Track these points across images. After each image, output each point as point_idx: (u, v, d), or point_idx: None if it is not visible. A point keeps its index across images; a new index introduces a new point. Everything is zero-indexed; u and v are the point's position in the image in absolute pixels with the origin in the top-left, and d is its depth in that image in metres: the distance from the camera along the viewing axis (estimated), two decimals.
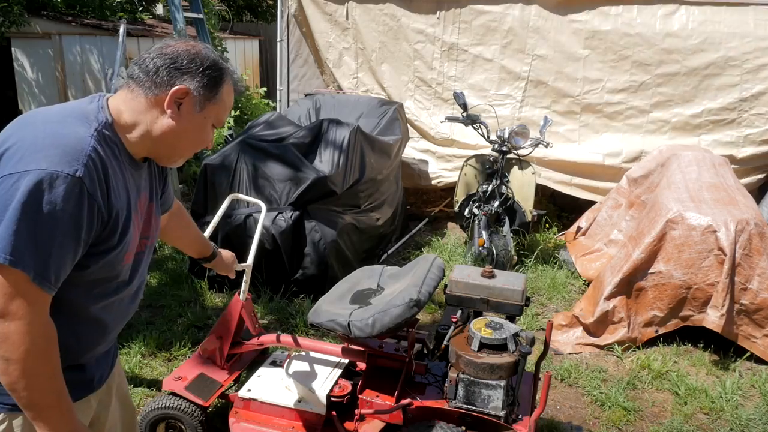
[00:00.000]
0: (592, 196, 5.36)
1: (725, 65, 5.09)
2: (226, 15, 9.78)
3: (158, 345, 3.45)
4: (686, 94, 5.23)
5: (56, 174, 1.14)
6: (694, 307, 3.44)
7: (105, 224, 1.25)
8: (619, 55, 5.30)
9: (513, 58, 5.55)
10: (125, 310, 1.49)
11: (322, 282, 3.98)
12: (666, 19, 5.19)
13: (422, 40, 5.75)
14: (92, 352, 1.44)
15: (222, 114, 1.40)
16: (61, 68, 6.98)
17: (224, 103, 1.38)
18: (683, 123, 5.27)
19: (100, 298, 1.36)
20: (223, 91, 1.36)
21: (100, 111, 1.30)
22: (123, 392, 1.73)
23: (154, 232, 1.53)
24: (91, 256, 1.26)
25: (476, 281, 2.29)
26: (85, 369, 1.44)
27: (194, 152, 1.45)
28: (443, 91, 5.75)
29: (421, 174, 5.79)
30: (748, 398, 3.17)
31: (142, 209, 1.44)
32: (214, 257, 2.14)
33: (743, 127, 5.16)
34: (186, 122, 1.33)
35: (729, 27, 5.07)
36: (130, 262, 1.39)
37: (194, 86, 1.31)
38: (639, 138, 5.34)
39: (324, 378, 2.51)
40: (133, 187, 1.37)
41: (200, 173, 4.23)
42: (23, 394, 1.19)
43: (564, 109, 5.50)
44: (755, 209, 3.70)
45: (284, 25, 6.36)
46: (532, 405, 2.37)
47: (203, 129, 1.38)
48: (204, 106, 1.34)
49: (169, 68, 1.29)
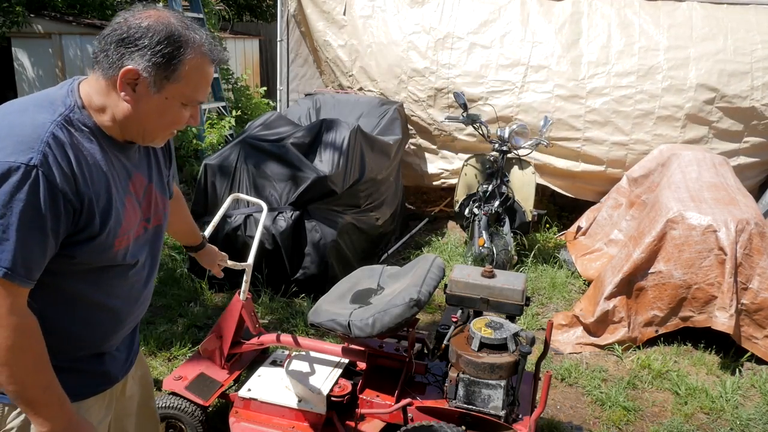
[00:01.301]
0: (592, 197, 5.35)
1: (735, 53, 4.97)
2: (226, 15, 9.78)
3: (158, 345, 3.45)
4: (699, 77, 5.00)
5: (9, 164, 1.10)
6: (695, 307, 3.43)
7: (77, 211, 1.20)
8: (626, 42, 5.16)
9: (512, 45, 5.40)
10: (137, 295, 1.45)
11: (322, 282, 3.98)
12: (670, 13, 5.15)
13: (417, 31, 5.67)
14: (108, 340, 1.42)
15: (191, 92, 1.26)
16: (62, 68, 6.98)
17: (190, 80, 1.24)
18: (697, 109, 5.02)
19: (101, 283, 1.33)
20: (185, 68, 1.22)
21: (69, 95, 1.25)
22: (147, 384, 1.72)
23: (160, 214, 1.47)
24: (74, 246, 1.23)
25: (476, 281, 2.29)
26: (104, 360, 1.42)
27: (172, 132, 1.34)
28: (437, 80, 5.58)
29: (423, 175, 5.76)
30: (749, 398, 3.17)
31: (137, 191, 1.37)
32: (202, 248, 2.11)
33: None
34: (144, 105, 1.23)
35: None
36: (125, 246, 1.33)
37: (143, 66, 1.19)
38: (645, 135, 5.13)
39: (324, 378, 2.51)
40: (120, 170, 1.31)
41: (200, 173, 4.23)
42: (9, 388, 1.18)
43: (568, 94, 5.24)
44: (755, 209, 3.70)
45: (284, 25, 6.37)
46: (532, 405, 2.37)
47: (168, 110, 1.26)
48: (161, 86, 1.22)
49: (118, 46, 1.19)
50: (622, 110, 5.12)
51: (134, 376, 1.62)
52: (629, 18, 5.27)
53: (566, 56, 5.25)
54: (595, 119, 5.16)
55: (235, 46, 9.53)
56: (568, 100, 5.21)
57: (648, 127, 5.09)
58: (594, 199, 5.28)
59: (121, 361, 1.50)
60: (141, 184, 1.39)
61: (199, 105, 1.34)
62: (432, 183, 5.81)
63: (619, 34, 5.23)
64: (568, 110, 5.19)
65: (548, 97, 5.20)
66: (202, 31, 1.26)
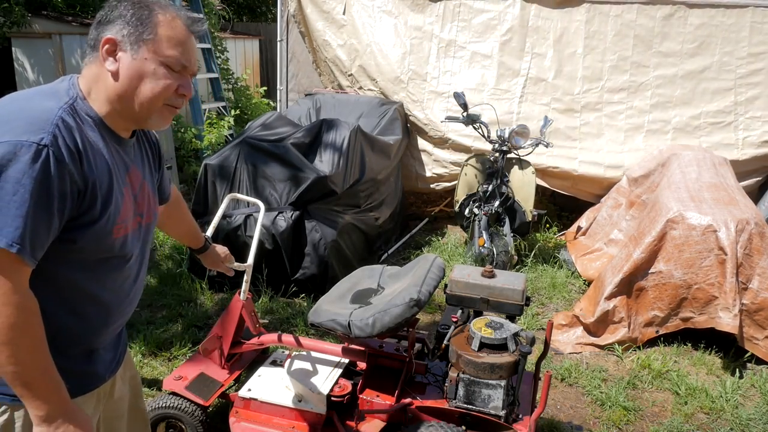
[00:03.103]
0: (592, 198, 5.35)
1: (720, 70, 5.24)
2: (226, 15, 9.78)
3: (158, 345, 3.45)
4: (684, 96, 5.31)
5: (21, 143, 1.13)
6: (695, 307, 3.43)
7: (82, 193, 1.23)
8: (619, 56, 5.34)
9: (512, 55, 5.54)
10: (128, 291, 1.47)
11: (322, 282, 3.99)
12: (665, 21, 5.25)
13: (419, 37, 5.74)
14: (98, 336, 1.42)
15: (169, 49, 1.30)
16: (62, 68, 6.98)
17: (165, 36, 1.29)
18: (683, 124, 5.31)
19: (98, 274, 1.35)
20: (157, 26, 1.28)
21: (71, 88, 1.31)
22: (136, 390, 1.71)
23: (151, 212, 1.51)
24: (76, 230, 1.25)
25: (476, 281, 2.29)
26: (92, 358, 1.43)
27: (165, 102, 1.34)
28: (438, 84, 5.68)
29: (418, 177, 5.76)
30: (749, 398, 3.17)
31: (134, 184, 1.41)
32: (205, 250, 2.12)
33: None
34: (129, 70, 1.28)
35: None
36: (122, 236, 1.36)
37: (116, 31, 1.27)
38: (641, 141, 5.32)
39: (324, 378, 2.51)
40: (118, 161, 1.35)
41: (200, 173, 4.24)
42: (8, 369, 1.18)
43: (564, 107, 5.49)
44: (755, 209, 3.70)
45: (284, 25, 6.37)
46: (532, 405, 2.37)
47: (151, 72, 1.29)
48: (139, 47, 1.28)
49: (97, 26, 1.30)
50: (614, 124, 5.41)
51: (123, 377, 1.62)
52: (624, 32, 5.37)
53: (563, 70, 5.49)
54: (590, 131, 5.43)
55: (235, 46, 9.52)
56: (564, 113, 5.48)
57: (639, 139, 5.35)
58: (593, 200, 5.29)
59: (108, 361, 1.51)
60: (137, 179, 1.43)
61: (188, 75, 1.37)
62: (429, 185, 5.80)
63: (613, 48, 5.39)
64: (564, 122, 5.45)
65: (546, 109, 5.43)
66: (175, 2, 1.34)
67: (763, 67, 5.19)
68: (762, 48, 5.16)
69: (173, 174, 6.17)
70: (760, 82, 5.21)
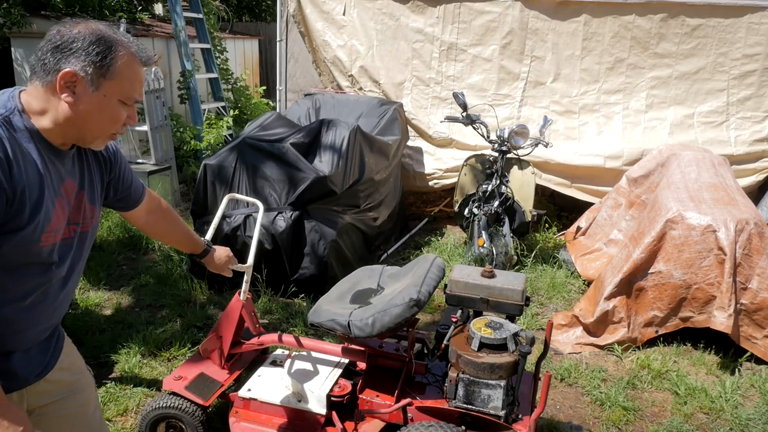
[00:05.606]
0: (592, 198, 5.36)
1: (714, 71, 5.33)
2: (225, 15, 9.77)
3: (158, 345, 3.45)
4: (678, 96, 5.40)
5: None
6: (695, 307, 3.44)
7: (10, 201, 1.24)
8: (615, 58, 5.41)
9: (512, 59, 5.58)
10: (54, 295, 1.46)
11: (322, 282, 3.98)
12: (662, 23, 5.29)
13: (420, 40, 5.76)
14: (21, 335, 1.41)
15: (127, 89, 1.34)
16: None
17: (124, 77, 1.33)
18: (678, 122, 5.40)
19: (20, 277, 1.35)
20: (118, 65, 1.31)
21: (10, 100, 1.31)
22: (82, 400, 1.65)
23: (88, 221, 1.51)
24: (1, 236, 1.26)
25: (476, 281, 2.29)
26: (11, 358, 1.41)
27: (112, 131, 1.40)
28: (441, 90, 5.76)
29: (416, 176, 5.77)
30: (748, 398, 3.17)
31: (68, 195, 1.42)
32: (206, 254, 2.12)
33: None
34: (85, 104, 1.30)
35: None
36: (50, 244, 1.37)
37: (80, 66, 1.27)
38: (639, 136, 5.38)
39: (324, 378, 2.51)
40: (53, 171, 1.36)
41: (200, 173, 4.24)
42: None
43: (562, 109, 5.56)
44: (754, 209, 3.71)
45: (283, 25, 6.37)
46: (532, 405, 2.37)
47: (108, 108, 1.33)
48: (99, 84, 1.30)
49: (54, 52, 1.28)
50: (612, 125, 5.51)
51: (59, 381, 1.57)
52: (622, 33, 5.40)
53: (561, 73, 5.57)
54: (589, 130, 5.52)
55: (235, 46, 9.52)
56: (563, 115, 5.58)
57: (637, 136, 5.44)
58: (593, 200, 5.30)
59: (34, 364, 1.48)
60: (72, 189, 1.44)
61: (135, 104, 1.41)
62: (428, 183, 5.82)
63: (610, 50, 5.44)
64: (564, 123, 5.55)
65: (545, 112, 5.47)
66: (128, 36, 1.37)
67: (756, 68, 5.24)
68: (757, 49, 5.20)
69: (173, 175, 6.16)
70: (753, 83, 5.27)
